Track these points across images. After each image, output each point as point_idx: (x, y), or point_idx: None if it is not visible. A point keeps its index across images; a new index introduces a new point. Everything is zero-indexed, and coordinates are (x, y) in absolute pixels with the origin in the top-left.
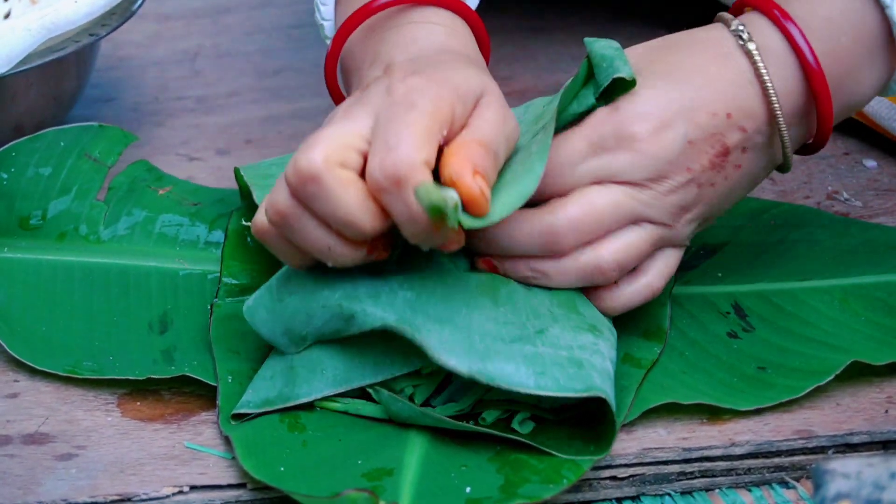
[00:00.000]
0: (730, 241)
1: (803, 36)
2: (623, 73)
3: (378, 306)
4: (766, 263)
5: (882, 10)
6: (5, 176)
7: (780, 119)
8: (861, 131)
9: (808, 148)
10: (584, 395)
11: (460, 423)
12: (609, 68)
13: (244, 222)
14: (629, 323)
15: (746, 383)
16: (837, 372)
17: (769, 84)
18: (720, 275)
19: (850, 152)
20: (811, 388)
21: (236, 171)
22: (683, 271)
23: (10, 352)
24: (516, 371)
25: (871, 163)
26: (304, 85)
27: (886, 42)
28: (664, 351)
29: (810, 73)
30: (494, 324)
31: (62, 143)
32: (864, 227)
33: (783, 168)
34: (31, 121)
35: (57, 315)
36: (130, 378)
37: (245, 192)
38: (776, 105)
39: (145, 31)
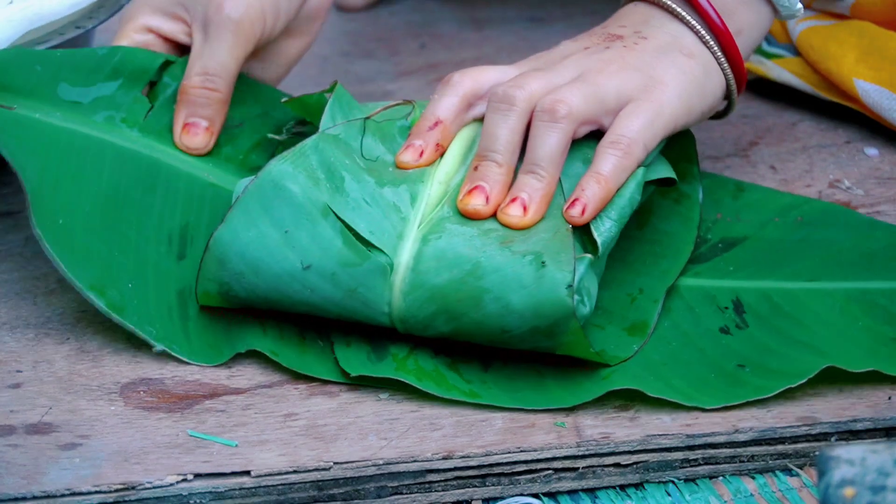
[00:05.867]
0: (751, 236)
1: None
2: None
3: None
4: (778, 261)
5: None
6: (59, 41)
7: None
8: (862, 120)
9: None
10: None
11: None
12: None
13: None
14: (617, 313)
15: (721, 381)
16: (810, 376)
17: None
18: (731, 269)
19: (851, 141)
20: (781, 390)
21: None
22: (695, 263)
23: (46, 245)
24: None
25: (872, 151)
26: (305, 77)
27: None
28: (647, 343)
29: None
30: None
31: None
32: (890, 231)
33: (729, 106)
34: None
35: (84, 196)
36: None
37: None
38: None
39: None
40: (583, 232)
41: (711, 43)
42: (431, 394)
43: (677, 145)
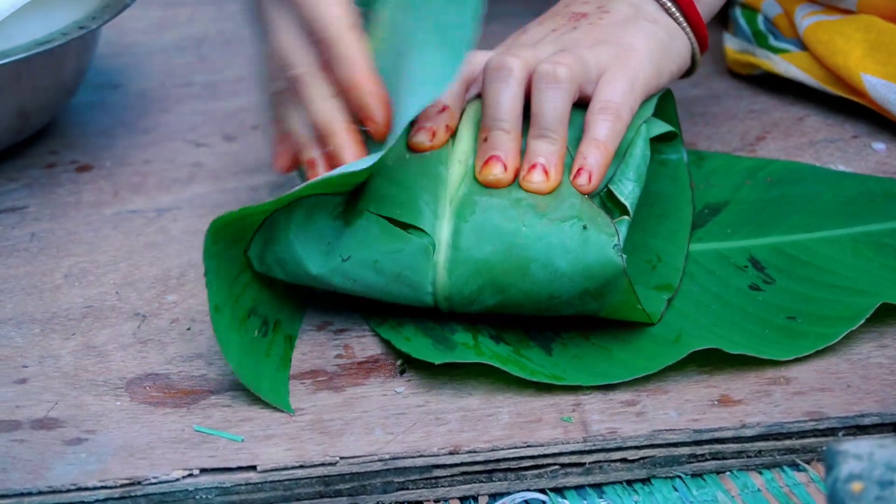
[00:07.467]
0: (731, 199)
1: None
2: None
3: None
4: (771, 218)
5: None
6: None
7: None
8: (869, 115)
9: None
10: None
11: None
12: None
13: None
14: (640, 279)
15: (780, 334)
16: (868, 315)
17: None
18: (729, 231)
19: (858, 135)
20: (844, 334)
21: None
22: (692, 230)
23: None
24: None
25: (879, 146)
26: None
27: None
28: (688, 307)
29: None
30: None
31: None
32: (859, 180)
33: (693, 66)
34: (35, 106)
35: None
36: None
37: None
38: None
39: (150, 18)
40: (607, 198)
41: (673, 9)
42: (519, 377)
43: (659, 110)
